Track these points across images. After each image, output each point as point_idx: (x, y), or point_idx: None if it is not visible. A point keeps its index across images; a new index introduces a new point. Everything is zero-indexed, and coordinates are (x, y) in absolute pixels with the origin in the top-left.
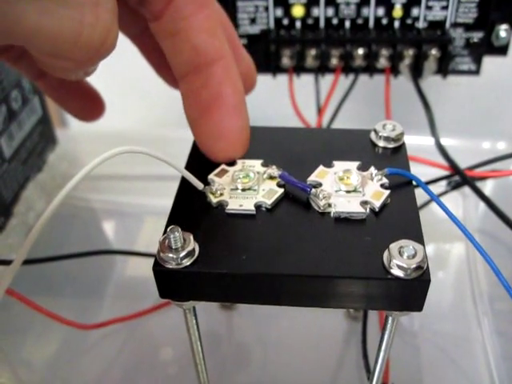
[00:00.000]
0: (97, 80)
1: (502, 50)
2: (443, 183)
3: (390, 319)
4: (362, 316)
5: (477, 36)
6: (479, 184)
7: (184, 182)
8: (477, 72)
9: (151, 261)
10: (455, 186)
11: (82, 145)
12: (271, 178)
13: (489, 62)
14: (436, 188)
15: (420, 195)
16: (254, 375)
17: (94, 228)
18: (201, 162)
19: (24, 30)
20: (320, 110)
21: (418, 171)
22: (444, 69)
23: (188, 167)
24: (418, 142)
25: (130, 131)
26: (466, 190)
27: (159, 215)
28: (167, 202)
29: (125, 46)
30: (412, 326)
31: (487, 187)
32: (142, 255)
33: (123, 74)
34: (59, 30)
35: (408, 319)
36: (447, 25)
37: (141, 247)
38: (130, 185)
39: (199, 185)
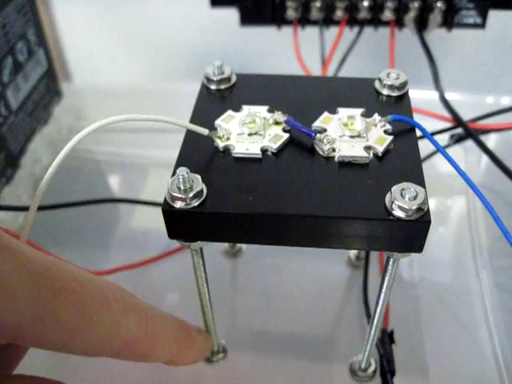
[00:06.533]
0: (102, 33)
1: (508, 4)
2: (445, 137)
3: (391, 261)
4: (363, 264)
5: None
6: (482, 138)
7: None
8: (482, 25)
9: (155, 210)
10: (458, 140)
11: (87, 98)
12: (277, 123)
13: (494, 15)
14: (438, 142)
15: (421, 149)
16: (258, 320)
17: (100, 180)
18: (208, 108)
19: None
20: (324, 62)
21: (422, 124)
22: (449, 22)
23: (195, 113)
24: (421, 96)
25: (133, 85)
26: (469, 144)
27: (163, 167)
28: (171, 154)
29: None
30: (412, 277)
31: (490, 141)
32: (147, 204)
33: (129, 26)
34: None
35: (408, 271)
36: None
37: (145, 198)
38: (135, 137)
39: (204, 131)
